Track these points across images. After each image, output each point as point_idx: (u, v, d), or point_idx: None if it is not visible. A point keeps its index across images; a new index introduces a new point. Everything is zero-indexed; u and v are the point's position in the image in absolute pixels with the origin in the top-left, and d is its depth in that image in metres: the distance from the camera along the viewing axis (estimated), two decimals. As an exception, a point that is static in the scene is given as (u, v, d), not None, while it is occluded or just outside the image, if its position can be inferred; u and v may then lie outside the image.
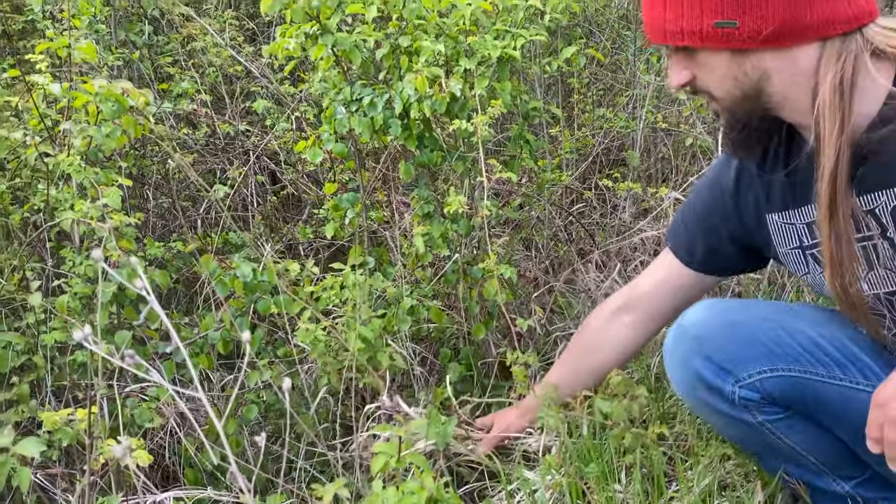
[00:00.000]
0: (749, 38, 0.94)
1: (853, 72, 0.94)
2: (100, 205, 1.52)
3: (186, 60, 2.66)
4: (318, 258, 2.63)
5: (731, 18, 0.93)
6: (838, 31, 0.93)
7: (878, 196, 1.01)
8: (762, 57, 0.96)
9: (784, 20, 0.92)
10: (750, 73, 0.98)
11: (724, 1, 0.92)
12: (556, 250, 2.68)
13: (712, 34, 0.95)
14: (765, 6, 0.91)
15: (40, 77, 1.62)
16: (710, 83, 1.02)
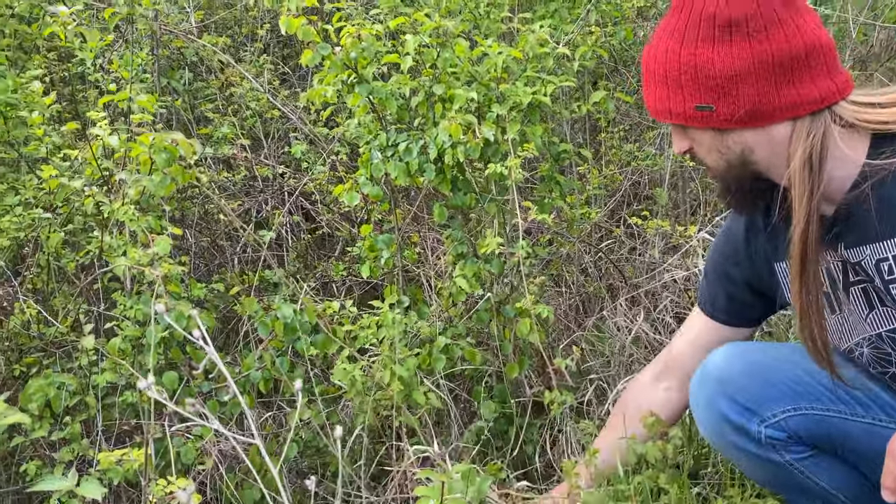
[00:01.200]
0: (725, 120, 1.05)
1: (822, 147, 1.03)
2: (151, 252, 1.59)
3: (225, 105, 2.77)
4: (351, 296, 2.70)
5: (709, 103, 1.04)
6: (806, 111, 1.03)
7: (863, 250, 1.10)
8: (742, 133, 1.06)
9: (755, 104, 1.02)
10: (733, 147, 1.09)
11: (701, 88, 1.03)
12: (585, 287, 2.72)
13: (694, 116, 1.06)
14: (736, 93, 1.02)
15: (100, 130, 1.71)
16: (702, 154, 1.13)
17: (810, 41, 1.02)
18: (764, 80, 1.02)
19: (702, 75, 1.03)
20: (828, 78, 1.03)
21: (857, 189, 1.05)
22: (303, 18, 1.85)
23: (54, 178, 1.79)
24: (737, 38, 1.01)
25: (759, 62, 1.01)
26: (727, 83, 1.02)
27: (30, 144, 2.04)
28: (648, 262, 2.54)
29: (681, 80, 1.05)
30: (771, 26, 1.00)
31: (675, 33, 1.05)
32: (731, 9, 1.00)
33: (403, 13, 2.06)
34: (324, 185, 2.57)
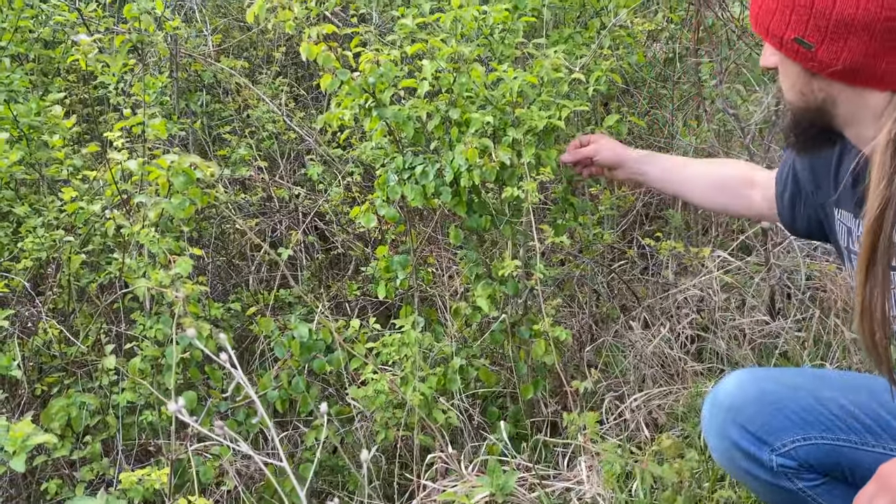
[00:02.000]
0: (820, 65, 0.98)
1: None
2: (172, 274, 1.62)
3: (242, 127, 2.81)
4: (365, 316, 2.71)
5: (811, 41, 0.96)
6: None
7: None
8: (831, 84, 0.99)
9: (856, 63, 0.95)
10: (816, 93, 1.02)
11: (810, 23, 0.95)
12: (598, 306, 2.72)
13: (790, 46, 0.99)
14: (843, 44, 0.94)
15: (119, 154, 1.74)
16: (783, 83, 1.07)
17: None
18: (878, 41, 0.93)
19: (817, 9, 0.95)
20: None
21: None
22: (322, 45, 1.88)
23: (74, 202, 1.81)
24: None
25: (883, 20, 0.92)
26: (839, 28, 0.94)
27: (51, 166, 2.08)
28: (662, 283, 2.55)
29: (794, 3, 0.97)
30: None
31: None
32: None
33: (420, 38, 2.10)
34: (338, 205, 2.60)
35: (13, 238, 2.02)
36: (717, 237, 2.81)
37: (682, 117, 3.05)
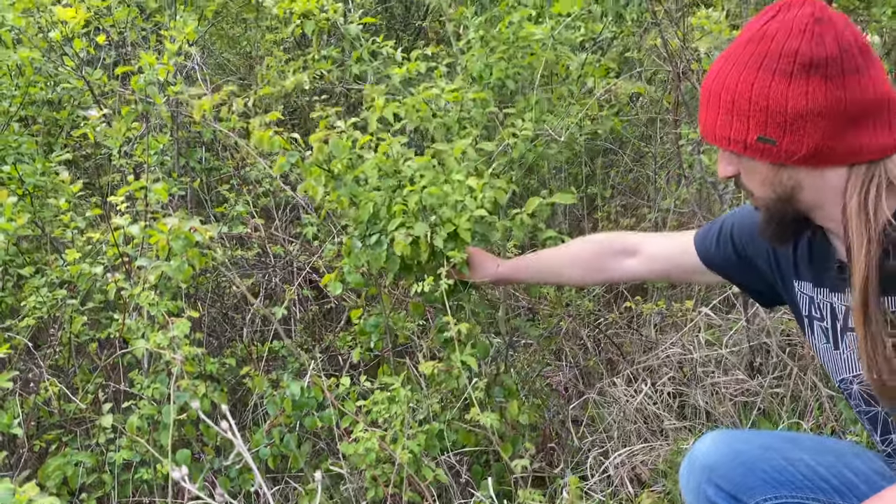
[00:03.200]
0: (786, 156, 1.05)
1: (876, 195, 1.05)
2: (170, 336, 1.68)
3: (239, 183, 2.90)
4: (357, 369, 2.77)
5: (773, 137, 1.04)
6: (865, 159, 1.04)
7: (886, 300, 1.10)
8: (797, 171, 1.07)
9: (817, 145, 1.03)
10: (785, 183, 1.10)
11: (769, 121, 1.03)
12: (585, 361, 2.79)
13: (755, 147, 1.06)
14: (802, 132, 1.02)
15: (121, 219, 1.82)
16: (751, 184, 1.14)
17: (880, 94, 1.03)
18: (831, 124, 1.02)
19: (772, 109, 1.03)
20: (887, 131, 1.04)
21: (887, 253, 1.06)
22: (270, 131, 1.99)
23: (77, 264, 1.89)
24: (814, 78, 1.01)
25: (832, 105, 1.01)
26: (796, 120, 1.02)
27: (55, 226, 2.16)
28: (646, 340, 2.62)
29: (749, 110, 1.04)
30: (849, 73, 1.01)
31: (749, 64, 1.04)
32: (815, 49, 1.00)
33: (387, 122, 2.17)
34: (333, 262, 2.68)
35: (13, 292, 2.09)
36: (699, 292, 2.90)
37: (665, 176, 3.16)
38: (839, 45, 1.01)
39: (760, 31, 1.05)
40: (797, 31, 1.01)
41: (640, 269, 1.64)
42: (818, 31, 1.01)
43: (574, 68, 2.18)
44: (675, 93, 2.25)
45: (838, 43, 1.01)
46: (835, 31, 1.02)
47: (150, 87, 1.95)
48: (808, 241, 1.25)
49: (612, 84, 2.47)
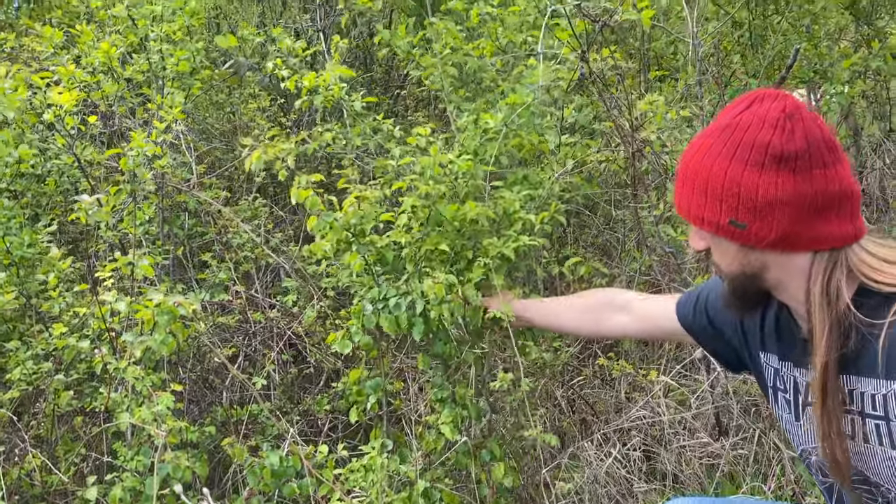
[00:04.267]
0: (755, 240, 1.13)
1: (837, 281, 1.12)
2: (154, 411, 1.74)
3: (222, 249, 2.98)
4: (336, 433, 2.82)
5: (744, 221, 1.11)
6: (828, 246, 1.12)
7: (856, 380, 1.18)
8: (765, 254, 1.15)
9: (785, 232, 1.10)
10: (753, 263, 1.17)
11: (740, 207, 1.10)
12: (560, 420, 2.87)
13: (726, 228, 1.14)
14: (771, 218, 1.10)
15: (108, 296, 1.89)
16: (720, 260, 1.22)
17: (845, 187, 1.10)
18: (798, 213, 1.09)
19: (744, 196, 1.09)
20: (849, 222, 1.11)
21: (845, 336, 1.12)
22: (310, 190, 2.09)
23: (64, 338, 1.95)
24: (784, 170, 1.08)
25: (799, 196, 1.08)
26: (765, 208, 1.09)
27: (42, 298, 2.22)
28: (616, 403, 2.71)
29: (722, 195, 1.11)
30: (816, 168, 1.08)
31: (723, 151, 1.11)
32: (785, 144, 1.07)
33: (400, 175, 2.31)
34: (313, 326, 2.75)
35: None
36: (669, 351, 3.00)
37: (634, 238, 3.29)
38: (808, 142, 1.08)
39: (735, 121, 1.12)
40: (769, 124, 1.09)
41: (629, 327, 1.74)
42: (789, 127, 1.08)
43: (552, 149, 2.33)
44: (630, 170, 2.39)
45: (807, 139, 1.08)
46: (804, 128, 1.09)
47: (139, 168, 2.03)
48: (776, 315, 1.31)
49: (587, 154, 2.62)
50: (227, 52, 3.86)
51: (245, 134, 3.97)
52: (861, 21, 4.28)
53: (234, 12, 5.10)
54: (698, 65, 2.40)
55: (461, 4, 2.67)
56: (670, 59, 3.70)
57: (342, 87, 2.60)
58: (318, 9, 4.04)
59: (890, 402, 1.08)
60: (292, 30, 4.28)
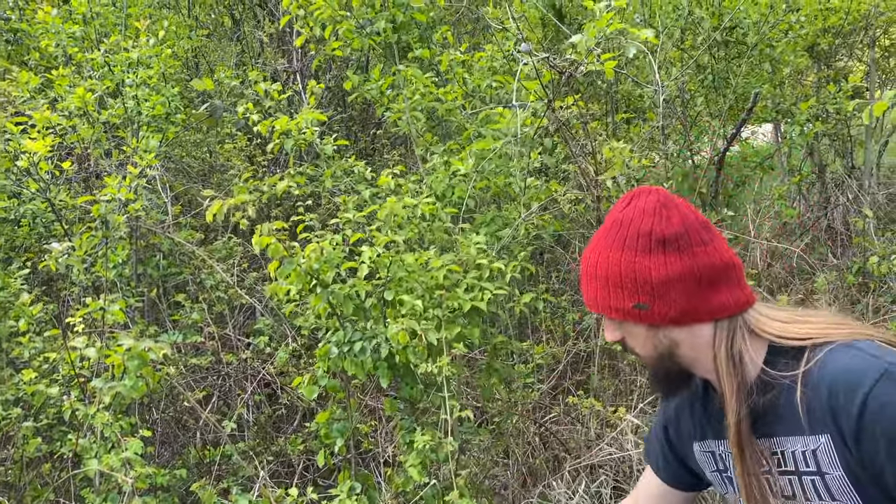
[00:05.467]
0: (659, 318, 1.21)
1: (740, 345, 1.20)
2: (123, 457, 1.75)
3: (197, 291, 3.00)
4: (310, 475, 2.82)
5: (646, 303, 1.20)
6: (726, 314, 1.21)
7: (763, 441, 1.23)
8: (671, 330, 1.22)
9: (683, 307, 1.19)
10: (663, 341, 1.24)
11: (640, 290, 1.20)
12: (532, 457, 2.89)
13: (632, 312, 1.22)
14: (669, 297, 1.19)
15: (78, 342, 1.91)
16: (634, 345, 1.28)
17: (726, 259, 1.20)
18: (692, 287, 1.18)
19: (640, 279, 1.19)
20: (739, 289, 1.21)
21: (762, 394, 1.19)
22: (272, 238, 2.13)
23: (34, 384, 1.96)
24: (669, 251, 1.19)
25: (688, 272, 1.18)
26: (661, 287, 1.19)
27: (13, 344, 2.23)
28: (586, 439, 2.75)
29: (622, 282, 1.21)
30: (696, 244, 1.19)
31: (615, 243, 1.22)
32: (665, 228, 1.19)
33: (359, 223, 2.37)
34: (286, 367, 2.77)
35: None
36: (630, 402, 3.05)
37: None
38: (684, 224, 1.20)
39: (620, 217, 1.24)
40: (648, 214, 1.21)
41: None
42: (665, 214, 1.20)
43: (518, 192, 2.40)
44: (595, 212, 2.46)
45: (683, 222, 1.20)
46: (679, 213, 1.21)
47: (110, 214, 2.07)
48: (701, 399, 1.38)
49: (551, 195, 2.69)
50: (204, 94, 3.93)
51: (222, 173, 4.02)
52: (821, 62, 4.44)
53: (213, 52, 5.18)
54: (661, 109, 2.49)
55: (428, 53, 2.75)
56: (637, 101, 3.81)
57: (314, 130, 2.66)
58: (294, 52, 4.12)
59: (820, 457, 1.14)
60: (270, 71, 4.36)
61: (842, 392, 1.07)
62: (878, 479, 1.07)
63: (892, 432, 1.02)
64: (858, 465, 1.08)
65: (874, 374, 1.05)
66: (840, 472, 1.11)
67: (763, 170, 4.04)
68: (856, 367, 1.07)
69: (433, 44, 2.99)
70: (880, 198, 4.45)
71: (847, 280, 3.60)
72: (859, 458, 1.07)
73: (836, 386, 1.08)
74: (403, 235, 2.28)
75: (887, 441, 1.02)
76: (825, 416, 1.10)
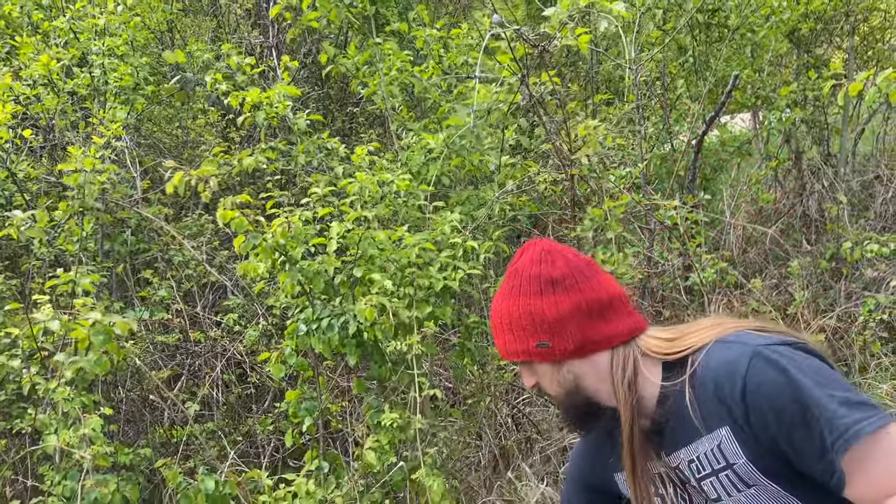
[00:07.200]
0: (560, 354, 1.29)
1: (634, 368, 1.30)
2: (81, 433, 1.71)
3: (166, 268, 2.93)
4: (280, 455, 2.79)
5: (546, 341, 1.29)
6: (619, 341, 1.30)
7: (678, 455, 1.32)
8: (573, 364, 1.31)
9: (580, 339, 1.28)
10: (567, 376, 1.32)
11: (538, 330, 1.29)
12: (505, 439, 2.88)
13: (535, 352, 1.30)
14: (565, 332, 1.28)
15: (41, 314, 1.85)
16: (545, 385, 1.36)
17: (611, 292, 1.30)
18: (584, 320, 1.28)
19: (537, 320, 1.28)
20: (628, 317, 1.31)
21: (661, 405, 1.30)
22: (237, 212, 2.07)
23: (-7, 357, 1.90)
24: (558, 290, 1.28)
25: (577, 307, 1.28)
26: (557, 324, 1.28)
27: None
28: (558, 420, 2.73)
29: (522, 324, 1.31)
30: (581, 281, 1.29)
31: (511, 291, 1.32)
32: (550, 271, 1.29)
33: (330, 202, 2.32)
34: (256, 346, 2.72)
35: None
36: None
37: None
38: (568, 265, 1.30)
39: (514, 269, 1.34)
40: (535, 261, 1.31)
41: None
42: (549, 259, 1.30)
43: (492, 171, 2.37)
44: (570, 192, 2.43)
45: (567, 263, 1.30)
46: (563, 256, 1.30)
47: (88, 185, 2.00)
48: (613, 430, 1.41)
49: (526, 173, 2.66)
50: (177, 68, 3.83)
51: (193, 149, 3.94)
52: (801, 49, 4.44)
53: (188, 27, 5.07)
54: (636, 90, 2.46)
55: (405, 26, 2.70)
56: (617, 83, 3.78)
57: (287, 104, 2.60)
58: (269, 26, 4.03)
59: (725, 449, 1.21)
60: (245, 45, 4.27)
61: (724, 382, 1.16)
62: (775, 450, 1.14)
63: (773, 405, 1.11)
64: (756, 443, 1.15)
65: (746, 358, 1.14)
66: (743, 459, 1.18)
67: (741, 154, 4.04)
68: (731, 356, 1.17)
69: (411, 22, 2.93)
70: (855, 185, 4.47)
71: (820, 266, 3.62)
72: (755, 437, 1.15)
73: (719, 378, 1.17)
74: (375, 212, 2.23)
75: (773, 413, 1.11)
76: (718, 408, 1.18)
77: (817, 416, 1.08)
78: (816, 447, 1.09)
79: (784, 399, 1.10)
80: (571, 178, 2.29)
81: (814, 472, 1.13)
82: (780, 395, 1.10)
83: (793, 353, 1.15)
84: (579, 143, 2.17)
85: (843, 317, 3.41)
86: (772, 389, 1.11)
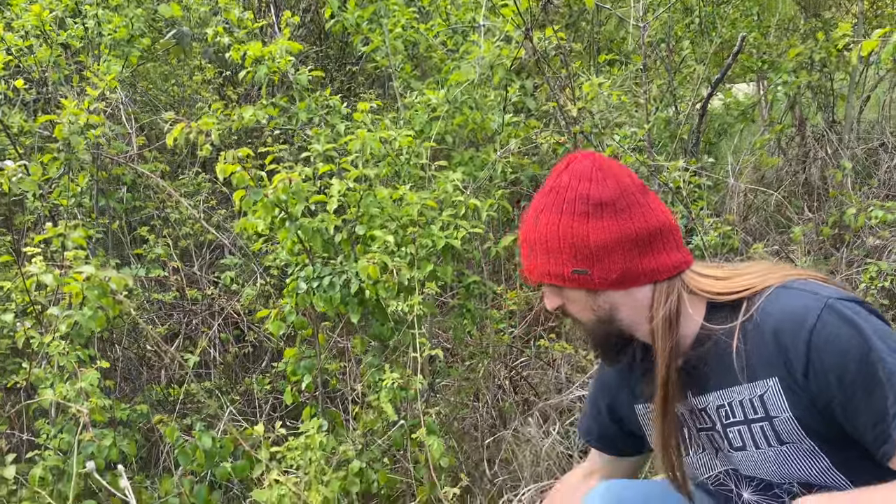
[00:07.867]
0: (598, 283, 1.21)
1: (677, 305, 1.22)
2: (78, 387, 1.69)
3: (162, 226, 2.90)
4: (276, 412, 2.78)
5: (585, 268, 1.21)
6: (664, 276, 1.21)
7: (706, 398, 1.26)
8: (610, 294, 1.23)
9: (623, 270, 1.20)
10: (602, 306, 1.24)
11: (578, 255, 1.20)
12: (501, 402, 2.88)
13: (571, 278, 1.22)
14: (608, 260, 1.19)
15: (35, 267, 1.82)
16: (574, 311, 1.29)
17: (663, 221, 1.22)
18: (630, 250, 1.19)
19: (578, 244, 1.19)
20: (676, 251, 1.23)
21: (699, 346, 1.23)
22: (237, 165, 2.03)
23: (-14, 310, 1.87)
24: (606, 215, 1.18)
25: (625, 235, 1.18)
26: (600, 252, 1.19)
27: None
28: (556, 382, 2.73)
29: (560, 248, 1.21)
30: (633, 207, 1.19)
31: (552, 209, 1.22)
32: (601, 192, 1.19)
33: (330, 157, 2.28)
34: (254, 305, 2.70)
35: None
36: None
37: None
38: (620, 187, 1.19)
39: (556, 183, 1.22)
40: (584, 178, 1.20)
41: None
42: (601, 177, 1.19)
43: (495, 129, 2.32)
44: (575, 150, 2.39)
45: (619, 185, 1.19)
46: (615, 176, 1.19)
47: (73, 136, 1.95)
48: (641, 363, 1.36)
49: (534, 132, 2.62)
50: (173, 22, 3.75)
51: (190, 107, 3.87)
52: (808, 12, 4.36)
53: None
54: (643, 49, 2.41)
55: (410, -20, 2.63)
56: (620, 44, 3.71)
57: (289, 59, 2.54)
58: (268, -21, 3.94)
59: (768, 401, 1.15)
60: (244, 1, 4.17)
61: (787, 331, 1.09)
62: (825, 409, 1.08)
63: (840, 362, 1.04)
64: (808, 399, 1.09)
65: (815, 310, 1.07)
66: (788, 414, 1.12)
67: (745, 120, 3.99)
68: (798, 305, 1.10)
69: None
70: (859, 152, 4.42)
71: (822, 232, 3.60)
72: (808, 393, 1.09)
73: (782, 326, 1.10)
74: (377, 170, 2.19)
75: (838, 371, 1.04)
76: (772, 358, 1.11)
77: (884, 381, 1.02)
78: (876, 411, 1.04)
79: (851, 358, 1.04)
80: (574, 137, 2.25)
81: (864, 437, 1.08)
82: (848, 352, 1.04)
83: (865, 311, 1.08)
84: (583, 101, 2.12)
85: (845, 284, 3.39)
86: (841, 346, 1.05)
